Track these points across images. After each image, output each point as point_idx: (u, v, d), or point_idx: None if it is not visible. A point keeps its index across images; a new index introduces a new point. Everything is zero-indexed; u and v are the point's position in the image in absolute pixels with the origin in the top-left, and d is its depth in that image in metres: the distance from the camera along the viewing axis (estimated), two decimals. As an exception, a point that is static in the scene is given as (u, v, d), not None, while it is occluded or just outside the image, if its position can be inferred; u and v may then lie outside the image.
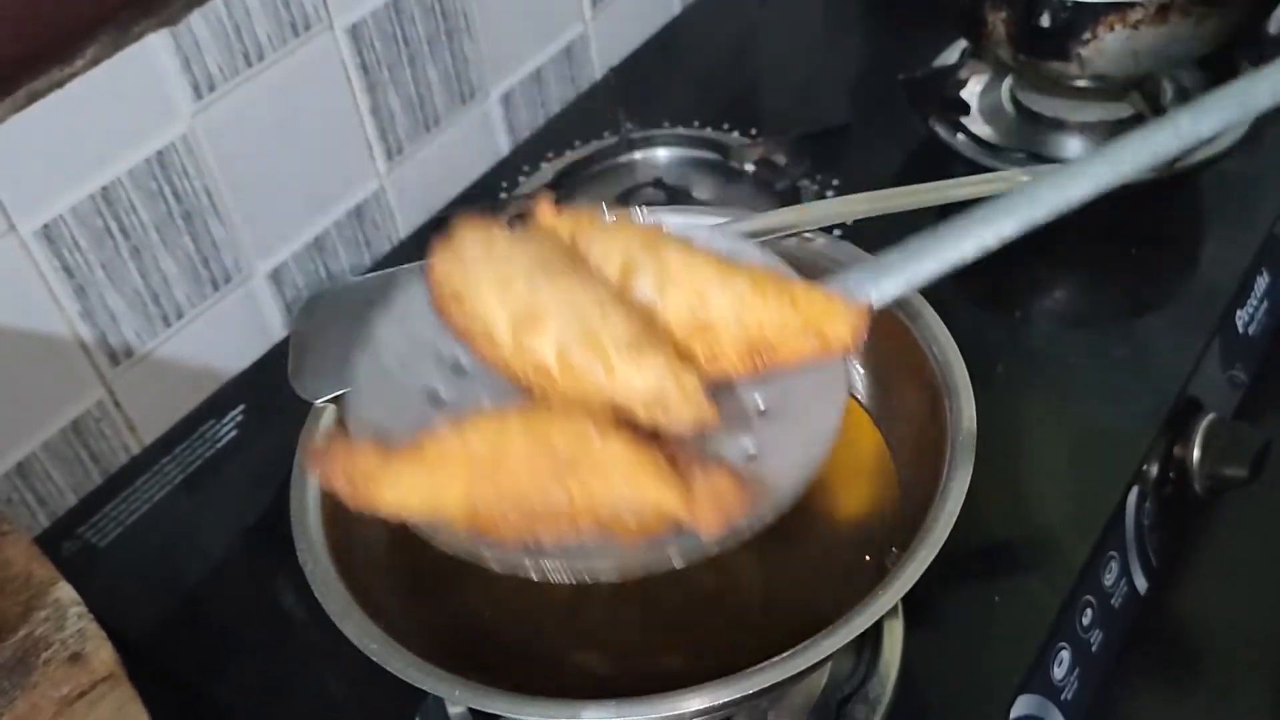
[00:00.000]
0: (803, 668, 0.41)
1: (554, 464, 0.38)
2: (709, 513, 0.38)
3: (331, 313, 0.54)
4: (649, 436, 0.40)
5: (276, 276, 0.78)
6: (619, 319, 0.41)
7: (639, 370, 0.40)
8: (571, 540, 0.39)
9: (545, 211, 0.46)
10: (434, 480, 0.39)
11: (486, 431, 0.39)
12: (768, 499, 0.40)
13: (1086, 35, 0.75)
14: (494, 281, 0.42)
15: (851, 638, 0.41)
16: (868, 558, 0.50)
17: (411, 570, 0.52)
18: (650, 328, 0.42)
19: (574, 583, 0.39)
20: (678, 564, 0.39)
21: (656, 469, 0.38)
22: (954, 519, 0.44)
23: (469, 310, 0.42)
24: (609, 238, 0.44)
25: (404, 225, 0.86)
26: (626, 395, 0.40)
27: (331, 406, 0.51)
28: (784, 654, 0.41)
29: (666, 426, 0.40)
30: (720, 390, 0.42)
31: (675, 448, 0.40)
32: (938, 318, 0.51)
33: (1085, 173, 0.44)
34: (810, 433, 0.42)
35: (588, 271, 0.43)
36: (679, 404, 0.40)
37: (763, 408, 0.43)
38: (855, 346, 0.42)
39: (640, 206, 0.47)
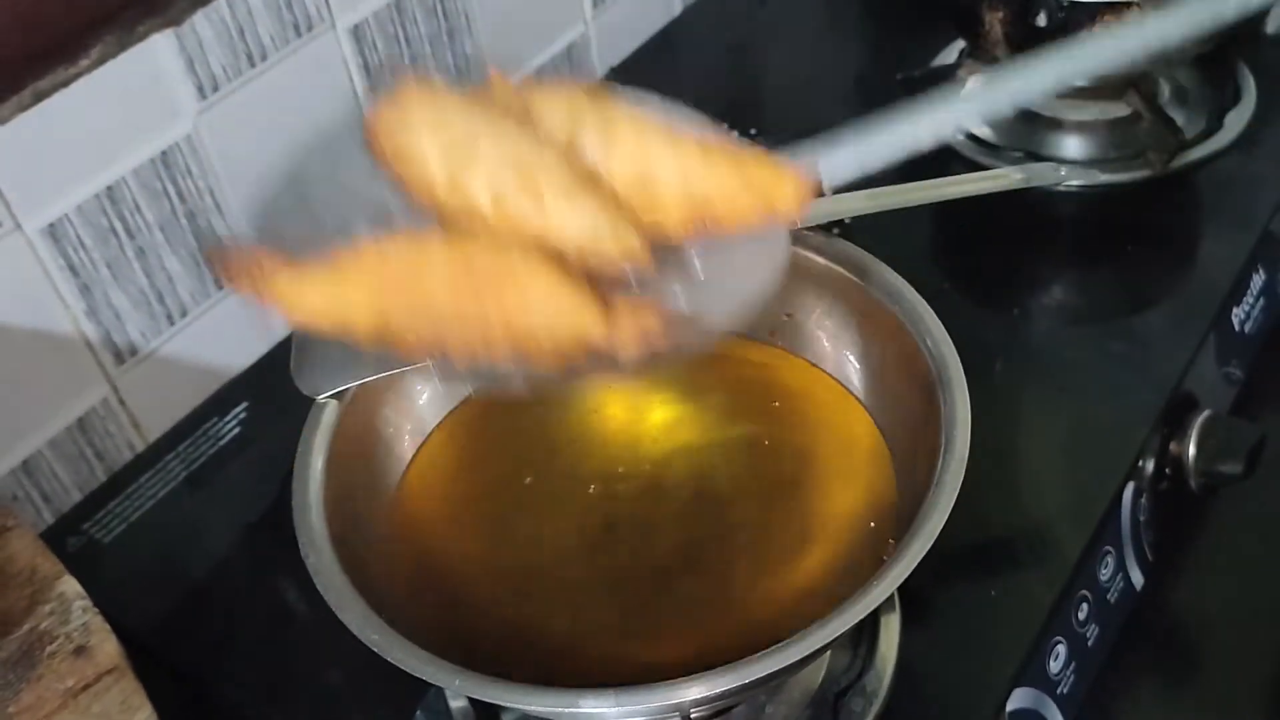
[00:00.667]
0: (799, 657, 0.41)
1: (472, 281, 0.37)
2: (629, 336, 0.37)
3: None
4: (579, 273, 0.39)
5: (279, 275, 0.79)
6: (559, 170, 0.40)
7: (572, 210, 0.39)
8: (482, 358, 0.39)
9: (498, 76, 0.44)
10: (344, 288, 0.38)
11: (405, 247, 0.38)
12: (691, 334, 0.39)
13: (1083, 34, 0.75)
14: (435, 132, 0.41)
15: (848, 627, 0.42)
16: (864, 550, 0.50)
17: (412, 563, 0.52)
18: (591, 179, 0.41)
19: (474, 387, 0.39)
20: (587, 378, 0.39)
21: (577, 290, 0.38)
22: (949, 510, 0.44)
23: (406, 157, 0.41)
24: (558, 101, 0.43)
25: (406, 224, 0.87)
26: (559, 236, 0.39)
27: (334, 402, 0.52)
28: (781, 643, 0.42)
29: (597, 266, 0.39)
30: (659, 252, 0.41)
31: (605, 287, 0.39)
32: (932, 312, 0.52)
33: (1047, 65, 0.43)
34: (742, 288, 0.42)
35: (534, 131, 0.42)
36: (611, 242, 0.39)
37: (701, 277, 0.42)
38: (801, 214, 0.42)
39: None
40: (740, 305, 0.41)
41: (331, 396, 0.52)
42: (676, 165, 0.41)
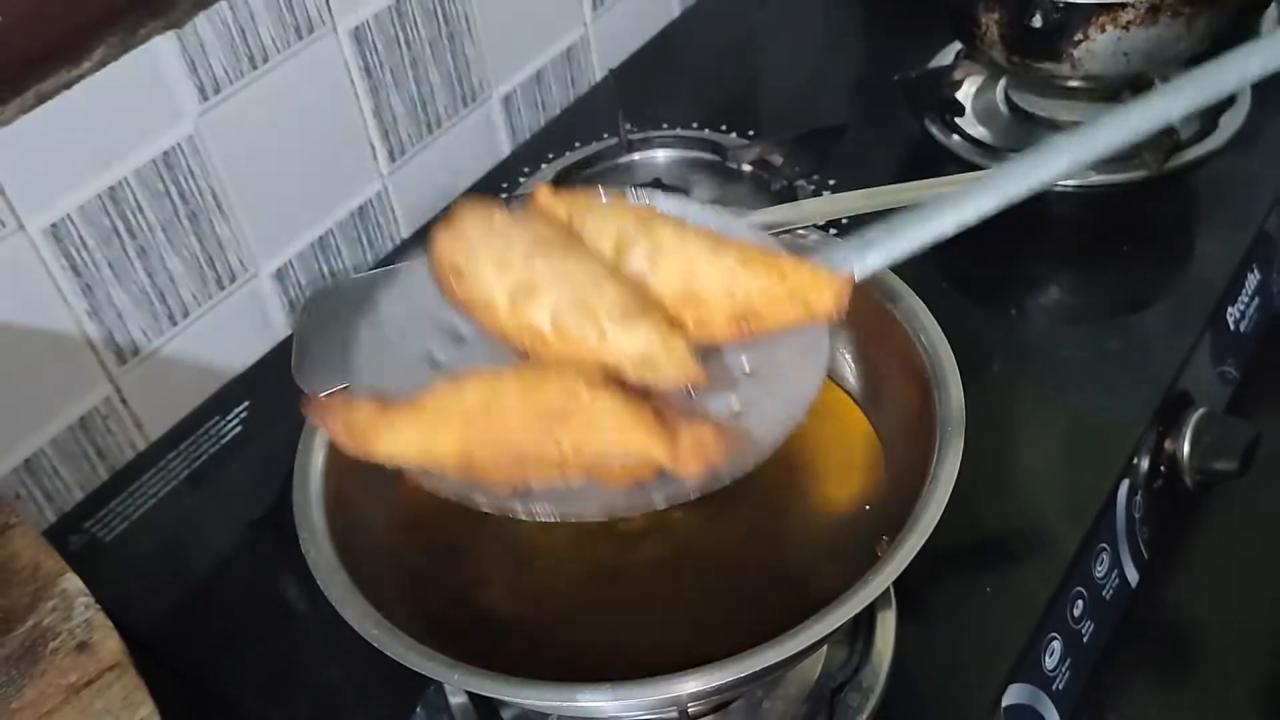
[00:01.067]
0: (796, 651, 0.42)
1: (546, 415, 0.40)
2: (691, 458, 0.40)
3: (334, 308, 0.55)
4: (638, 394, 0.42)
5: (280, 276, 0.79)
6: (611, 289, 0.43)
7: (629, 334, 0.42)
8: (559, 485, 0.41)
9: (543, 194, 0.48)
10: (429, 431, 0.41)
11: (481, 386, 0.41)
12: (747, 448, 0.42)
13: (1078, 36, 0.76)
14: (493, 255, 0.44)
15: (843, 621, 0.42)
16: (859, 547, 0.51)
17: (412, 559, 0.53)
18: (641, 297, 0.44)
19: (559, 521, 0.41)
20: (659, 506, 0.41)
21: (643, 419, 0.40)
22: (943, 506, 0.45)
23: (468, 281, 0.45)
24: (603, 216, 0.46)
25: (406, 225, 0.87)
26: (617, 357, 0.42)
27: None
28: (777, 637, 0.42)
29: (655, 384, 0.42)
30: (708, 355, 0.44)
31: (663, 404, 0.42)
32: (926, 310, 0.52)
33: (1062, 151, 0.45)
34: (791, 391, 0.44)
35: (583, 248, 0.45)
36: (666, 362, 0.42)
37: (748, 370, 0.45)
38: (839, 314, 0.44)
39: (633, 188, 0.49)
40: (790, 412, 0.43)
41: (332, 394, 0.52)
42: (719, 273, 0.44)
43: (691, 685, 0.42)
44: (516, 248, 0.44)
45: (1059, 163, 0.45)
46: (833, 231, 0.59)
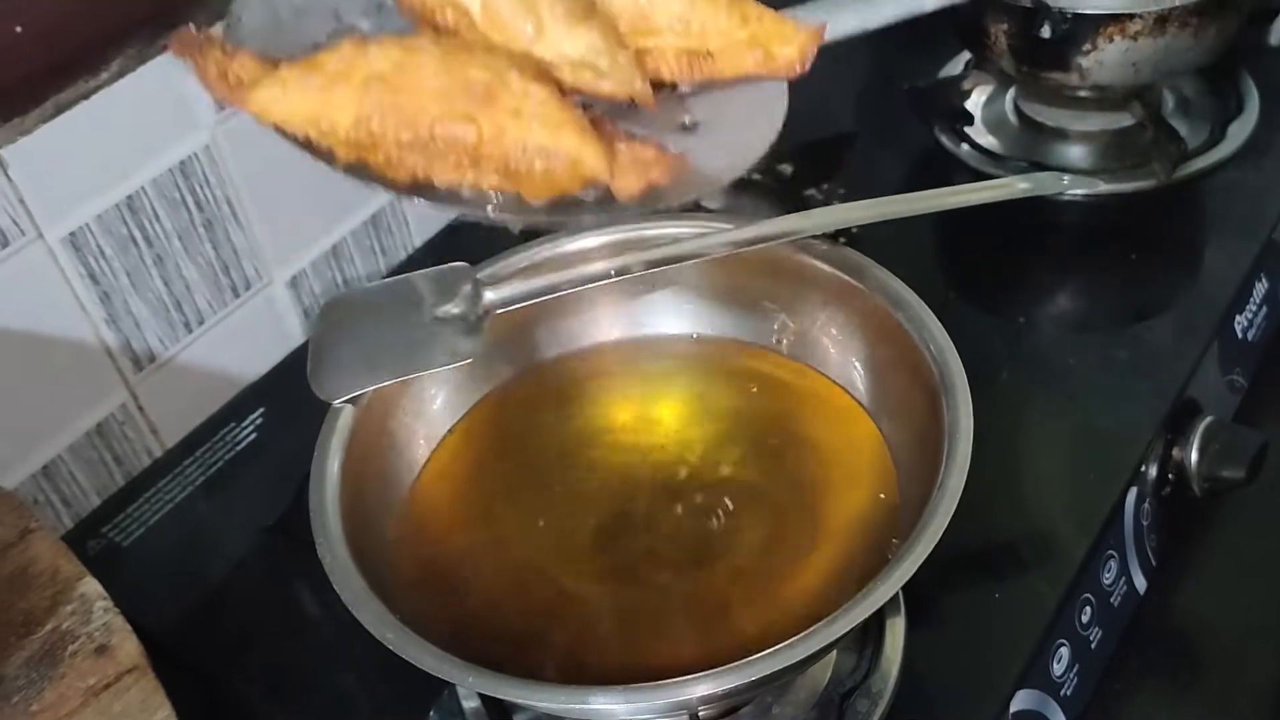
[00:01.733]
0: (805, 655, 0.42)
1: (466, 95, 0.35)
2: (629, 172, 0.35)
3: (349, 316, 0.56)
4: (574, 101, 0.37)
5: (295, 284, 0.80)
6: None
7: (571, 37, 0.37)
8: (468, 184, 0.36)
9: None
10: (323, 91, 0.35)
11: (393, 50, 0.35)
12: (691, 177, 0.37)
13: (1087, 46, 0.77)
14: None
15: (853, 626, 0.43)
16: (868, 552, 0.51)
17: (426, 565, 0.53)
18: (590, 6, 0.38)
19: (459, 216, 0.36)
20: (585, 224, 0.37)
21: (577, 122, 0.35)
22: (952, 512, 0.45)
23: None
24: None
25: (418, 234, 0.88)
26: (554, 55, 0.37)
27: (350, 407, 0.53)
28: (787, 642, 0.42)
29: (594, 89, 0.37)
30: (660, 94, 0.39)
31: (600, 117, 0.37)
32: (935, 318, 0.53)
33: None
34: (741, 141, 0.40)
35: None
36: (611, 69, 0.37)
37: (696, 119, 0.41)
38: (803, 68, 0.41)
39: None
40: (739, 156, 0.39)
41: (347, 401, 0.53)
42: (679, 2, 0.39)
43: (702, 689, 0.42)
44: None
45: None
46: (842, 240, 0.59)
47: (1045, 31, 0.77)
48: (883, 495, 0.53)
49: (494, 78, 0.35)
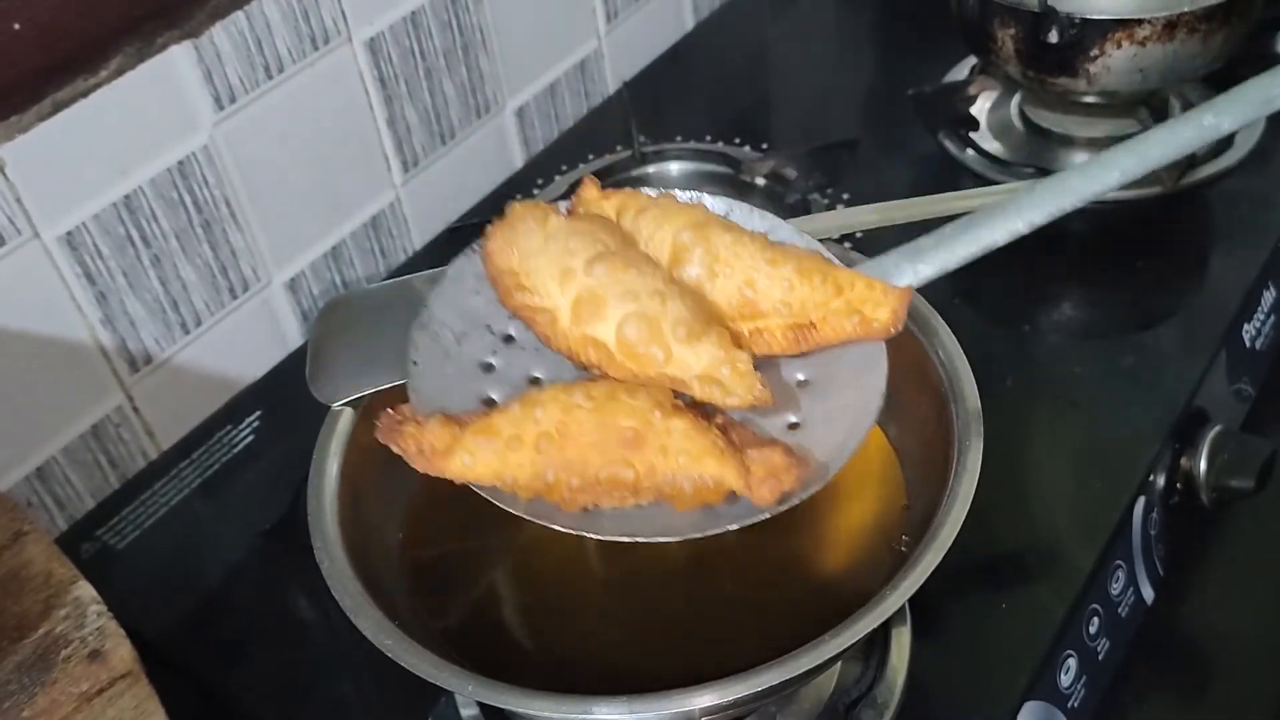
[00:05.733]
0: (811, 666, 0.41)
1: (619, 439, 0.41)
2: (764, 485, 0.40)
3: (348, 318, 0.55)
4: (703, 411, 0.42)
5: (293, 285, 0.79)
6: (675, 303, 0.43)
7: (695, 353, 0.42)
8: (629, 506, 0.42)
9: (589, 189, 0.48)
10: (503, 454, 0.41)
11: (554, 408, 0.42)
12: (814, 472, 0.42)
13: (1094, 52, 0.76)
14: (553, 264, 0.45)
15: (860, 637, 0.42)
16: (875, 561, 0.50)
17: (425, 571, 0.52)
18: (704, 311, 0.44)
19: (628, 541, 0.41)
20: (731, 529, 0.41)
21: (714, 444, 0.41)
22: (961, 522, 0.44)
23: (529, 291, 0.45)
24: (657, 218, 0.46)
25: (418, 237, 0.87)
26: (684, 374, 0.43)
27: (349, 410, 0.52)
28: (793, 652, 0.42)
29: (721, 404, 0.42)
30: (764, 367, 0.44)
31: (726, 420, 0.43)
32: (944, 324, 0.52)
33: (1113, 164, 0.45)
34: (854, 407, 0.44)
35: (640, 253, 0.45)
36: (734, 383, 0.42)
37: (802, 378, 0.45)
38: (896, 328, 0.44)
39: (679, 190, 0.49)
40: (855, 432, 0.43)
41: (346, 404, 0.52)
42: (776, 285, 0.44)
43: (706, 699, 0.41)
44: (577, 256, 0.44)
45: (1110, 176, 0.45)
46: (847, 245, 0.59)
47: (1053, 36, 0.76)
48: (890, 503, 0.52)
49: (640, 422, 0.41)
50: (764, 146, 0.90)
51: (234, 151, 0.72)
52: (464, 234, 0.87)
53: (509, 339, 0.46)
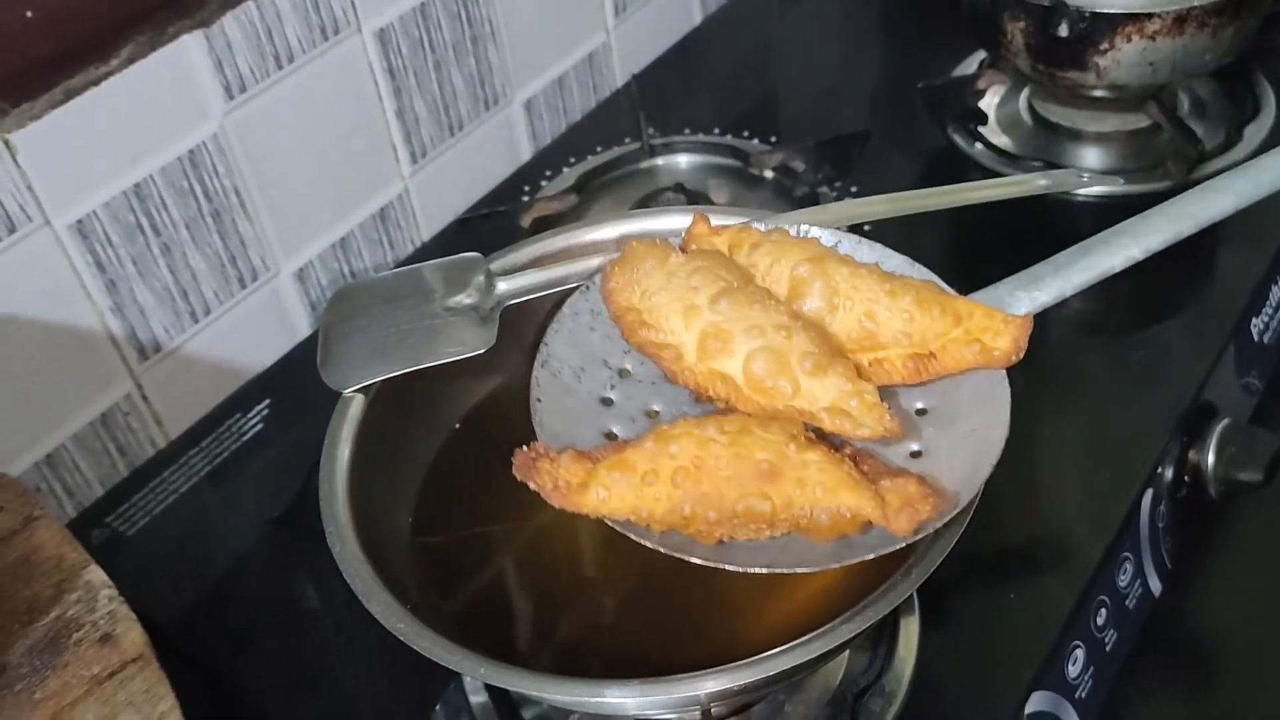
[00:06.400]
0: (821, 652, 0.42)
1: (755, 473, 0.41)
2: (902, 515, 0.41)
3: (358, 306, 0.55)
4: (830, 441, 0.43)
5: (302, 276, 0.79)
6: (799, 336, 0.44)
7: (822, 386, 0.43)
8: (765, 538, 0.42)
9: (700, 226, 0.49)
10: (640, 488, 0.42)
11: (688, 443, 0.42)
12: (950, 500, 0.42)
13: (1104, 45, 0.76)
14: (677, 300, 0.46)
15: (869, 624, 0.42)
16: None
17: (435, 557, 0.52)
18: (828, 344, 0.44)
19: (765, 573, 0.42)
20: (869, 558, 0.42)
21: (849, 475, 0.42)
22: (972, 511, 0.44)
23: (653, 328, 0.46)
24: (772, 253, 0.47)
25: (426, 228, 0.87)
26: (811, 407, 0.43)
27: (359, 396, 0.52)
28: (803, 638, 0.42)
29: (851, 435, 0.43)
30: (884, 394, 0.44)
31: (855, 451, 0.43)
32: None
33: (1227, 189, 0.45)
34: (979, 434, 0.44)
35: (761, 288, 0.46)
36: (862, 415, 0.43)
37: (921, 406, 0.46)
38: (1018, 356, 0.45)
39: (794, 226, 0.50)
40: (986, 460, 0.43)
41: (358, 390, 0.52)
42: (896, 317, 0.45)
43: (716, 684, 0.42)
44: (701, 292, 0.45)
45: (1224, 201, 0.46)
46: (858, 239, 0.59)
47: (1063, 30, 0.76)
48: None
49: (776, 455, 0.42)
50: (772, 140, 0.90)
51: (244, 141, 0.72)
52: (472, 225, 0.87)
53: (625, 373, 0.48)
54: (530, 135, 0.93)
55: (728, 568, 0.41)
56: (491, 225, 0.85)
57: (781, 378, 0.43)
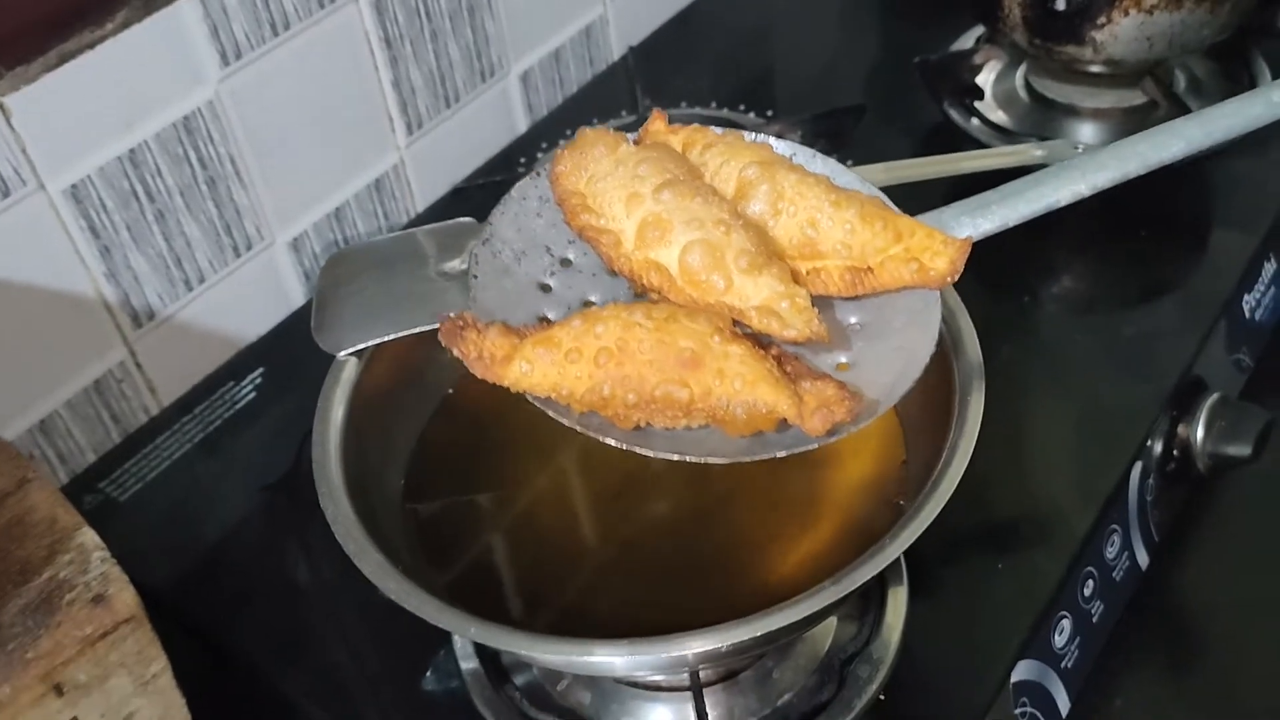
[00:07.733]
0: (809, 613, 0.42)
1: (677, 360, 0.42)
2: (817, 416, 0.41)
3: (352, 270, 0.55)
4: (757, 340, 0.43)
5: (296, 245, 0.79)
6: (738, 234, 0.44)
7: (755, 284, 0.43)
8: (681, 427, 0.43)
9: (658, 122, 0.49)
10: (562, 366, 0.42)
11: (614, 325, 0.43)
12: (867, 407, 0.43)
13: (1101, 19, 0.76)
14: (621, 187, 0.46)
15: (857, 586, 0.42)
16: (874, 516, 0.51)
17: (427, 521, 0.53)
18: (766, 245, 0.44)
19: (677, 460, 0.42)
20: (779, 456, 0.42)
21: (770, 373, 0.42)
22: (959, 476, 0.45)
23: (595, 213, 0.46)
24: (723, 153, 0.47)
25: (421, 199, 0.87)
26: (742, 304, 0.43)
27: (353, 359, 0.52)
28: (791, 599, 0.42)
29: (778, 335, 0.43)
30: (819, 305, 0.44)
31: (781, 352, 0.44)
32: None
33: (1178, 133, 0.45)
34: (905, 351, 0.44)
35: (706, 184, 0.46)
36: (792, 317, 0.43)
37: (855, 321, 0.46)
38: (953, 278, 0.45)
39: (750, 133, 0.49)
40: (906, 375, 0.43)
41: (352, 354, 0.52)
42: (838, 228, 0.45)
43: (701, 644, 0.42)
44: (646, 181, 0.45)
45: (1174, 144, 0.46)
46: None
47: (1060, 4, 0.76)
48: (889, 459, 0.53)
49: (699, 344, 0.42)
50: (769, 113, 0.90)
51: (239, 108, 0.72)
52: (467, 195, 0.87)
53: (567, 262, 0.47)
54: (526, 107, 0.93)
55: (641, 450, 0.42)
56: (486, 195, 0.85)
57: (715, 272, 0.43)
